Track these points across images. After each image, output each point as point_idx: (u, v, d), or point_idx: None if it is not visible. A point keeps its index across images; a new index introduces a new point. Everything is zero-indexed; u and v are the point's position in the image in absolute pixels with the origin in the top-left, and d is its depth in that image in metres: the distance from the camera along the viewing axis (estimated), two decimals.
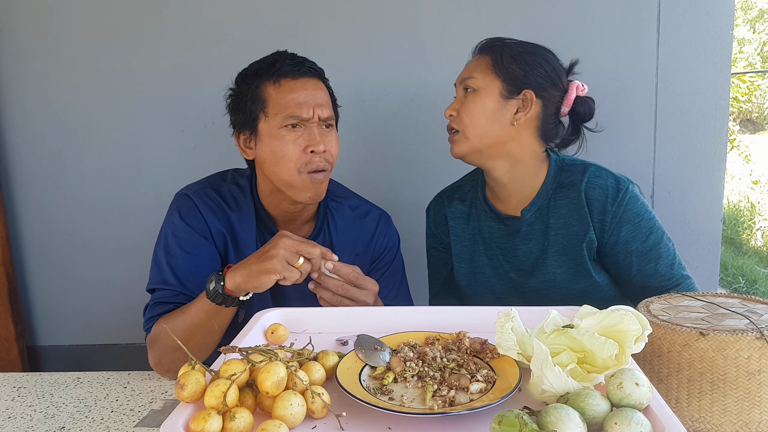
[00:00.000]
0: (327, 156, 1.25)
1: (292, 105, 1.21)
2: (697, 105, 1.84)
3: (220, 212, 1.29)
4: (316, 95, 1.24)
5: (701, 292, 1.24)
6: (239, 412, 0.75)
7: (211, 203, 1.29)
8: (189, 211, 1.28)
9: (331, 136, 1.28)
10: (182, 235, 1.27)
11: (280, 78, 1.23)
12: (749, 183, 6.40)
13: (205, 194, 1.30)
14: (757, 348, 0.99)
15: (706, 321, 1.07)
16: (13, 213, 2.01)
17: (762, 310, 1.12)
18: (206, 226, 1.28)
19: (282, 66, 1.24)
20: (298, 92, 1.22)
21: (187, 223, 1.27)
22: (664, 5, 1.80)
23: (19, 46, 1.92)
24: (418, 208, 1.93)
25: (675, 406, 1.03)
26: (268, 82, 1.24)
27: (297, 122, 1.22)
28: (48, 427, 1.07)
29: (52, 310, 2.07)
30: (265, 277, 1.09)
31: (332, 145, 1.27)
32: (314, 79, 1.27)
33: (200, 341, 1.18)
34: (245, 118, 1.27)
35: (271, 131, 1.23)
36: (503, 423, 0.69)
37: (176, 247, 1.26)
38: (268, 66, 1.25)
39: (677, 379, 1.03)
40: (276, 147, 1.22)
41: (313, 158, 1.23)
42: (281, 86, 1.23)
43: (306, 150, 1.22)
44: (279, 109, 1.22)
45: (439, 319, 1.09)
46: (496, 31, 1.84)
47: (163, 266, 1.26)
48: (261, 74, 1.25)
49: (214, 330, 1.17)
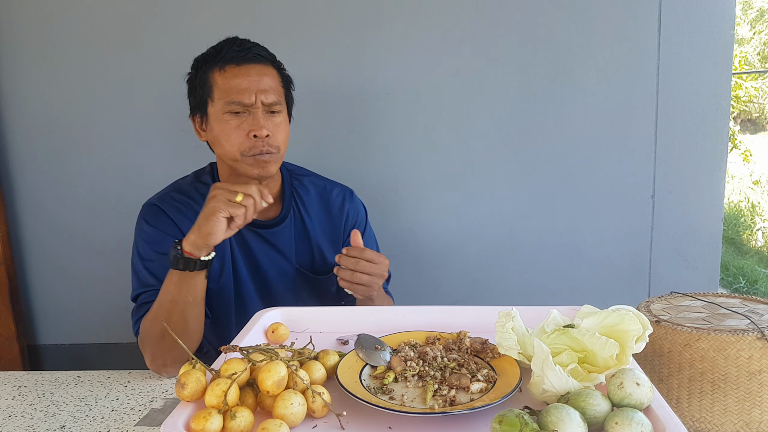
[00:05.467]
0: (271, 140, 1.27)
1: (235, 91, 1.24)
2: (697, 105, 1.84)
3: (188, 210, 1.33)
4: (261, 81, 1.26)
5: (702, 292, 1.24)
6: (240, 411, 0.75)
7: (178, 204, 1.33)
8: (156, 217, 1.32)
9: (278, 121, 1.29)
10: (153, 239, 1.30)
11: (225, 64, 1.26)
12: (750, 183, 6.40)
13: (171, 198, 1.34)
14: (757, 348, 0.99)
15: (706, 321, 1.07)
16: (13, 212, 2.01)
17: (763, 310, 1.12)
18: (175, 227, 1.31)
19: (228, 52, 1.26)
20: (241, 78, 1.25)
21: (156, 227, 1.31)
22: (665, 5, 1.80)
23: (20, 46, 1.92)
24: (420, 207, 1.94)
25: (676, 406, 1.03)
26: (215, 68, 1.27)
27: (240, 108, 1.25)
28: (48, 425, 1.07)
29: (53, 309, 2.07)
30: (212, 219, 1.10)
31: (278, 129, 1.28)
32: (260, 65, 1.28)
33: (179, 317, 1.18)
34: (197, 102, 1.31)
35: (217, 115, 1.26)
36: (504, 423, 0.69)
37: (149, 251, 1.30)
38: (216, 52, 1.28)
39: (678, 379, 1.03)
40: (221, 131, 1.26)
41: (256, 143, 1.25)
42: (225, 72, 1.25)
43: (249, 135, 1.25)
44: (223, 95, 1.25)
45: (439, 318, 1.09)
46: (496, 31, 1.85)
47: (141, 271, 1.30)
48: (209, 60, 1.28)
49: (189, 302, 1.18)
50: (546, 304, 1.03)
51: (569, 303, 1.08)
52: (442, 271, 1.97)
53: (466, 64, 1.85)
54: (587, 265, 1.94)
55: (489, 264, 1.95)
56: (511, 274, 1.96)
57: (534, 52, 1.84)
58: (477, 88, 1.86)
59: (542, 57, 1.84)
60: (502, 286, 1.96)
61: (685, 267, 1.92)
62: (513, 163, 1.90)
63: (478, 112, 1.87)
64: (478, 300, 1.96)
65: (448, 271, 1.95)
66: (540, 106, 1.86)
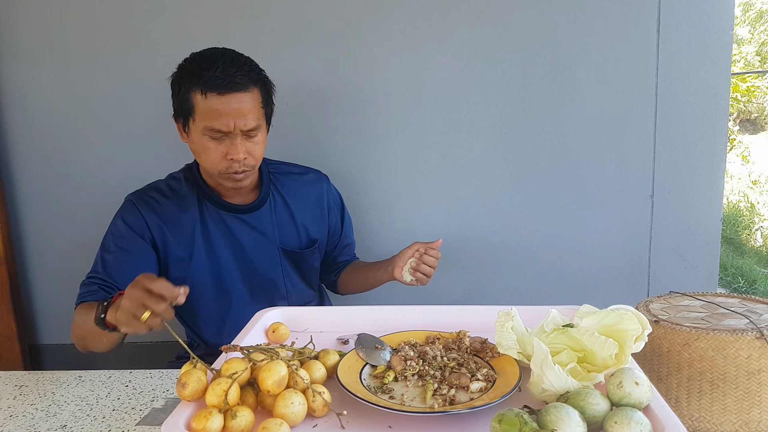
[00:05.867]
0: (247, 161, 1.33)
1: (214, 117, 1.28)
2: (696, 105, 1.84)
3: (157, 206, 1.41)
4: (241, 107, 1.29)
5: (701, 292, 1.24)
6: (240, 411, 0.75)
7: (149, 199, 1.42)
8: (129, 213, 1.40)
9: (255, 141, 1.34)
10: (120, 234, 1.39)
11: (206, 90, 1.27)
12: (749, 183, 6.40)
13: (144, 193, 1.43)
14: (756, 347, 0.99)
15: (705, 320, 1.08)
16: (14, 212, 2.01)
17: (761, 310, 1.12)
18: (144, 223, 1.39)
19: (211, 78, 1.27)
20: (222, 107, 1.27)
21: (128, 224, 1.39)
22: (664, 5, 1.80)
23: (20, 46, 1.92)
24: (419, 207, 1.94)
25: (675, 406, 1.03)
26: (196, 89, 1.28)
27: (218, 135, 1.30)
28: (50, 425, 1.07)
29: (54, 309, 2.07)
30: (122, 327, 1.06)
31: (255, 149, 1.35)
32: (241, 93, 1.29)
33: (92, 344, 1.26)
34: (179, 110, 1.35)
35: (197, 133, 1.32)
36: (503, 422, 0.70)
37: (112, 243, 1.38)
38: (199, 72, 1.28)
39: (677, 379, 1.04)
40: (200, 148, 1.33)
41: (233, 164, 1.32)
42: (207, 98, 1.28)
43: (226, 157, 1.31)
44: (203, 118, 1.29)
45: (439, 318, 1.09)
46: (496, 31, 1.85)
47: (97, 257, 1.39)
48: (191, 80, 1.29)
49: (103, 342, 1.23)
50: (545, 304, 1.04)
51: (568, 303, 1.09)
52: (442, 271, 1.97)
53: (466, 64, 1.86)
54: (586, 264, 1.94)
55: (488, 264, 1.96)
56: (510, 273, 1.96)
57: (534, 52, 1.84)
58: (476, 88, 1.87)
59: (542, 57, 1.84)
60: (501, 285, 1.97)
61: (684, 267, 1.92)
62: (512, 162, 1.90)
63: (477, 112, 1.88)
64: (478, 300, 1.97)
65: (448, 271, 1.96)
66: (539, 106, 1.86)
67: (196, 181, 1.45)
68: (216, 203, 1.44)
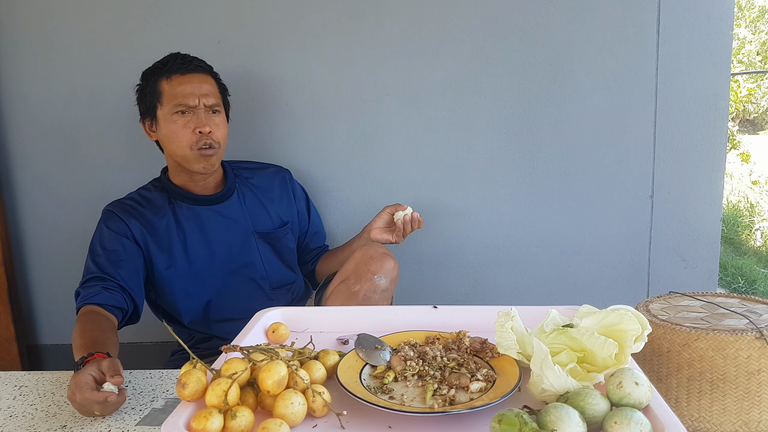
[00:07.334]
0: (213, 136, 1.50)
1: (180, 95, 1.47)
2: (696, 105, 1.84)
3: (136, 213, 1.53)
4: (202, 87, 1.50)
5: (701, 292, 1.24)
6: (240, 411, 0.75)
7: (127, 207, 1.54)
8: (111, 220, 1.52)
9: (218, 120, 1.52)
10: (105, 237, 1.49)
11: (171, 74, 1.49)
12: (748, 183, 6.40)
13: (121, 203, 1.56)
14: (756, 348, 0.99)
15: (705, 321, 1.08)
16: (13, 212, 2.01)
17: (761, 310, 1.12)
18: (128, 228, 1.51)
19: (173, 65, 1.50)
20: (185, 85, 1.48)
21: (112, 229, 1.50)
22: (664, 5, 1.80)
23: (20, 46, 1.92)
24: (418, 208, 1.94)
25: (675, 406, 1.03)
26: (162, 78, 1.50)
27: (185, 109, 1.47)
28: (50, 425, 1.07)
29: (53, 309, 2.07)
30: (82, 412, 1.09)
31: (218, 127, 1.51)
32: (201, 74, 1.52)
33: None
34: (147, 108, 1.53)
35: (166, 117, 1.49)
36: (503, 422, 0.70)
37: (98, 247, 1.48)
38: (162, 65, 1.52)
39: (677, 379, 1.04)
40: (170, 130, 1.49)
41: (201, 138, 1.48)
42: (172, 81, 1.49)
43: (194, 131, 1.47)
44: (170, 99, 1.48)
45: (439, 318, 1.09)
46: (495, 31, 1.85)
47: (88, 263, 1.47)
48: (157, 72, 1.51)
49: None
50: (545, 304, 1.04)
51: (568, 303, 1.09)
52: (441, 271, 1.97)
53: (466, 64, 1.86)
54: (586, 264, 1.94)
55: (488, 264, 1.96)
56: (510, 273, 1.96)
57: (533, 52, 1.84)
58: (476, 88, 1.87)
59: (542, 57, 1.84)
60: (501, 286, 1.97)
61: (684, 267, 1.92)
62: (512, 162, 1.90)
63: (477, 112, 1.88)
64: (478, 300, 1.97)
65: (448, 271, 1.96)
66: (539, 107, 1.86)
67: (165, 186, 1.58)
68: (187, 199, 1.57)
